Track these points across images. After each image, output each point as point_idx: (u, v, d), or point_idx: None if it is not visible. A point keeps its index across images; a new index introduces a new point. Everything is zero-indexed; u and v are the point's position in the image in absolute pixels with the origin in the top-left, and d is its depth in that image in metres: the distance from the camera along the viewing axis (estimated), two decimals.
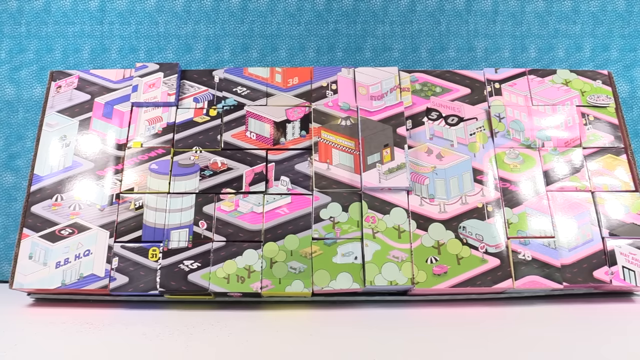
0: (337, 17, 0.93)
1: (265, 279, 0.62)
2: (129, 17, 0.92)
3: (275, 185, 0.68)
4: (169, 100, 0.72)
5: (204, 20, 0.92)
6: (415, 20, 0.93)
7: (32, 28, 0.92)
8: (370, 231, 0.64)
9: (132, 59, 0.91)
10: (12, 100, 0.89)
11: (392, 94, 0.72)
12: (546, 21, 0.93)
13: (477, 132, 0.71)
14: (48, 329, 0.56)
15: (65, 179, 0.68)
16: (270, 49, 0.92)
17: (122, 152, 0.70)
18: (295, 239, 0.64)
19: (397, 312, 0.62)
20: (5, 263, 0.84)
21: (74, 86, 0.74)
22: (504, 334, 0.53)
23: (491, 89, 0.73)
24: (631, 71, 0.91)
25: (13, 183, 0.86)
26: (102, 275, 0.63)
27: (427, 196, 0.67)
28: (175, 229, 0.65)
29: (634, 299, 0.67)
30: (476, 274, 0.63)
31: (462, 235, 0.65)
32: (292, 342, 0.52)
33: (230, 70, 0.75)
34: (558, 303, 0.65)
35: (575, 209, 0.67)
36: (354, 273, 0.63)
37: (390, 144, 0.68)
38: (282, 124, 0.71)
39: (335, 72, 0.74)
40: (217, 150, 0.70)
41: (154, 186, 0.67)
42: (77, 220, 0.66)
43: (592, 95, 0.73)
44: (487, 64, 0.91)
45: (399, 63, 0.91)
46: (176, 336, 0.53)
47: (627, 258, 0.64)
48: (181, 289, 0.62)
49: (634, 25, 0.92)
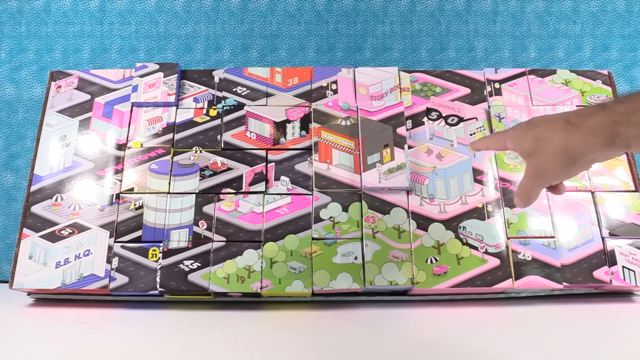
0: (337, 17, 0.93)
1: (265, 279, 0.62)
2: (129, 17, 0.92)
3: (275, 185, 0.67)
4: (169, 100, 0.72)
5: (204, 20, 0.92)
6: (415, 20, 0.93)
7: (32, 28, 0.92)
8: (370, 231, 0.64)
9: (132, 59, 0.91)
10: (12, 100, 0.89)
11: (392, 94, 0.72)
12: (546, 21, 0.93)
13: (477, 132, 0.71)
14: (48, 329, 0.56)
15: (65, 179, 0.68)
16: (270, 49, 0.92)
17: (122, 152, 0.69)
18: (295, 239, 0.64)
19: (397, 312, 0.62)
20: (5, 263, 0.83)
21: (74, 86, 0.74)
22: (504, 334, 0.53)
23: (491, 89, 0.73)
24: (631, 71, 0.91)
25: (13, 183, 0.86)
26: (102, 275, 0.63)
27: (427, 196, 0.67)
28: (175, 229, 0.65)
29: (634, 299, 0.67)
30: (476, 274, 0.63)
31: (462, 235, 0.65)
32: (292, 342, 0.52)
33: (230, 70, 0.75)
34: (558, 303, 0.65)
35: (575, 209, 0.67)
36: (354, 273, 0.63)
37: (390, 144, 0.68)
38: (282, 124, 0.71)
39: (335, 72, 0.74)
40: (217, 150, 0.70)
41: (154, 186, 0.67)
42: (77, 220, 0.66)
43: (592, 95, 0.73)
44: (487, 64, 0.91)
45: (399, 63, 0.91)
46: (176, 336, 0.53)
47: (627, 258, 0.64)
48: (181, 289, 0.62)
49: (634, 25, 0.92)
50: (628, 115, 0.37)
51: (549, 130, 0.42)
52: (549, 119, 0.43)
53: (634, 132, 0.37)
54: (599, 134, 0.39)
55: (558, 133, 0.41)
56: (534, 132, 0.44)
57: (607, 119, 0.38)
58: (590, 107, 0.41)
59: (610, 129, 0.38)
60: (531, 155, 0.44)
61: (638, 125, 0.37)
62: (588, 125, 0.39)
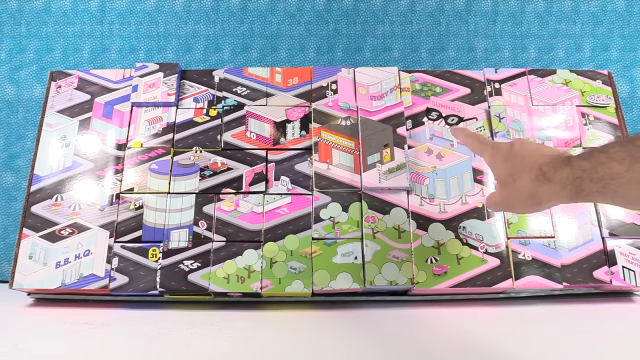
0: (337, 17, 0.93)
1: (265, 279, 0.62)
2: (129, 17, 0.92)
3: (275, 185, 0.67)
4: (169, 100, 0.72)
5: (204, 20, 0.92)
6: (415, 20, 0.93)
7: (32, 28, 0.92)
8: (370, 231, 0.64)
9: (132, 59, 0.91)
10: (12, 100, 0.89)
11: (392, 94, 0.72)
12: (546, 21, 0.93)
13: (477, 132, 0.71)
14: (48, 329, 0.56)
15: (65, 179, 0.68)
16: (270, 49, 0.92)
17: (122, 152, 0.69)
18: (295, 239, 0.64)
19: (397, 312, 0.62)
20: (5, 263, 0.83)
21: (74, 86, 0.74)
22: (504, 334, 0.53)
23: (491, 89, 0.73)
24: (631, 71, 0.91)
25: (13, 183, 0.86)
26: (102, 275, 0.63)
27: (427, 196, 0.67)
28: (175, 229, 0.65)
29: (634, 299, 0.67)
30: (476, 274, 0.63)
31: (462, 235, 0.65)
32: (292, 342, 0.52)
33: (230, 70, 0.75)
34: (558, 303, 0.65)
35: (575, 209, 0.67)
36: (354, 273, 0.63)
37: (390, 144, 0.68)
38: (282, 124, 0.71)
39: (335, 72, 0.74)
40: (217, 150, 0.70)
41: (154, 186, 0.67)
42: (77, 220, 0.66)
43: (592, 95, 0.73)
44: (487, 64, 0.91)
45: (399, 63, 0.91)
46: (176, 336, 0.53)
47: (627, 258, 0.64)
48: (181, 289, 0.62)
49: (634, 25, 0.92)
50: (590, 172, 0.39)
51: (523, 173, 0.45)
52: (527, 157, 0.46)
53: (595, 187, 0.39)
54: (566, 187, 0.41)
55: (531, 181, 0.44)
56: (510, 167, 0.46)
57: (572, 174, 0.41)
58: (560, 157, 0.43)
59: (575, 184, 0.40)
60: (503, 186, 0.48)
61: (599, 181, 0.39)
62: (557, 178, 0.42)
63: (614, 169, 0.38)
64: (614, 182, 0.38)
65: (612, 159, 0.38)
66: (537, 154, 0.45)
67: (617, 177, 0.38)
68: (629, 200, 0.39)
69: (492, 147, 0.50)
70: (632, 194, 0.37)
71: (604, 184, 0.38)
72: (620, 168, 0.37)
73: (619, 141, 0.40)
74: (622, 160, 0.37)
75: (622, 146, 0.38)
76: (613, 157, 0.38)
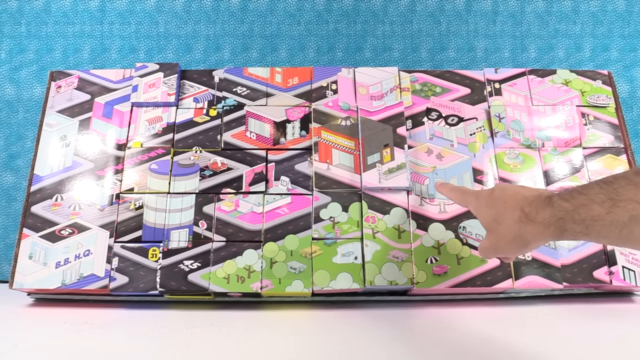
0: (337, 17, 0.93)
1: (265, 279, 0.62)
2: (129, 17, 0.92)
3: (275, 185, 0.67)
4: (169, 100, 0.72)
5: (204, 20, 0.92)
6: (415, 20, 0.93)
7: (32, 28, 0.92)
8: (370, 231, 0.64)
9: (132, 59, 0.91)
10: (12, 100, 0.89)
11: (392, 94, 0.72)
12: (546, 21, 0.93)
13: (477, 132, 0.71)
14: (48, 329, 0.56)
15: (65, 179, 0.68)
16: (270, 49, 0.92)
17: (122, 152, 0.69)
18: (295, 239, 0.64)
19: (397, 312, 0.62)
20: (5, 263, 0.83)
21: (74, 86, 0.74)
22: (504, 334, 0.53)
23: (491, 89, 0.73)
24: (631, 71, 0.91)
25: (13, 183, 0.86)
26: (102, 275, 0.63)
27: (427, 196, 0.67)
28: (175, 229, 0.65)
29: (634, 299, 0.67)
30: (476, 274, 0.63)
31: (462, 235, 0.65)
32: (292, 342, 0.52)
33: (230, 70, 0.75)
34: (558, 303, 0.65)
35: None
36: (354, 273, 0.63)
37: (390, 144, 0.68)
38: (282, 124, 0.71)
39: (335, 72, 0.74)
40: (217, 150, 0.70)
41: (154, 186, 0.67)
42: (77, 220, 0.66)
43: (592, 95, 0.73)
44: (487, 64, 0.91)
45: (399, 63, 0.91)
46: (176, 336, 0.53)
47: (627, 258, 0.64)
48: (181, 289, 0.62)
49: (634, 25, 0.92)
50: (572, 214, 0.40)
51: (506, 216, 0.46)
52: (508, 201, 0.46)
53: (578, 228, 0.40)
54: (549, 227, 0.42)
55: (515, 222, 0.45)
56: (494, 212, 0.48)
57: (554, 214, 0.41)
58: (540, 197, 0.44)
59: (558, 225, 0.41)
60: (490, 232, 0.49)
61: (581, 223, 0.39)
62: (540, 218, 0.42)
63: (595, 212, 0.38)
64: (597, 224, 0.38)
65: (592, 201, 0.39)
66: (518, 196, 0.46)
67: (598, 219, 0.38)
68: (612, 241, 0.39)
69: (475, 196, 0.52)
70: (614, 235, 0.38)
71: (587, 225, 0.39)
72: (601, 210, 0.38)
73: (598, 183, 0.40)
74: (602, 202, 0.38)
75: (601, 188, 0.39)
76: (593, 199, 0.39)
